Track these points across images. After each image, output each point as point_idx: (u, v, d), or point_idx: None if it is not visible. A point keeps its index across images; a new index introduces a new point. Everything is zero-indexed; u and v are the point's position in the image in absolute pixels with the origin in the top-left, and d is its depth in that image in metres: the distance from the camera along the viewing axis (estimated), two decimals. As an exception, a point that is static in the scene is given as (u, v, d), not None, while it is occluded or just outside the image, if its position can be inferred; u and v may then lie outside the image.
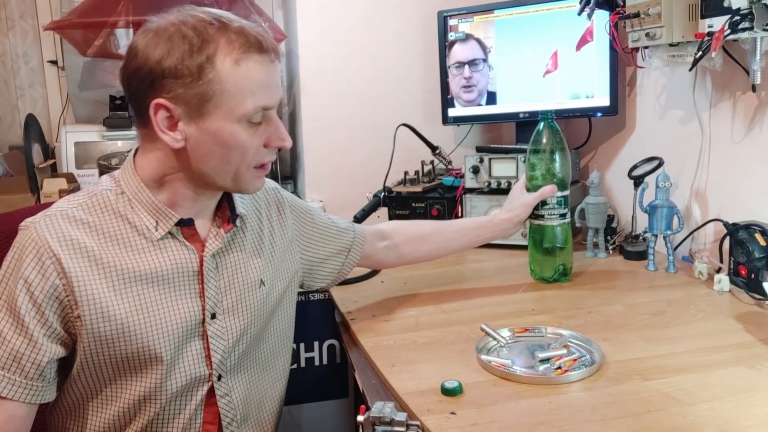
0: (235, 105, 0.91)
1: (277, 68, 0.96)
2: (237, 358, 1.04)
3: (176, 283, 0.97)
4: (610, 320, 1.16)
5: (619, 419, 0.82)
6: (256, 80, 0.91)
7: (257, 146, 0.95)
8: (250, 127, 0.93)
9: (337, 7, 1.91)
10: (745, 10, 1.11)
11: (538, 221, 1.37)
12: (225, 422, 1.03)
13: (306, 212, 1.21)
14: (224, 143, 0.93)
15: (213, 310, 1.00)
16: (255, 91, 0.91)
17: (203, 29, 0.89)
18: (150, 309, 0.95)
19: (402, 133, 1.82)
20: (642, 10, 1.33)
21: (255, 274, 1.06)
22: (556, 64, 1.72)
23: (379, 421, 0.83)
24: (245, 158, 0.95)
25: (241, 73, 0.90)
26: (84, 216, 0.94)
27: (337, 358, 2.01)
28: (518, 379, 0.94)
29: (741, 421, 0.80)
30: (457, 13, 1.84)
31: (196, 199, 0.99)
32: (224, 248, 1.03)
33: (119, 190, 0.97)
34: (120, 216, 0.96)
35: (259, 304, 1.06)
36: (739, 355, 0.99)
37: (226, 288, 1.02)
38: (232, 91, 0.90)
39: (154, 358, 0.95)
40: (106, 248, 0.94)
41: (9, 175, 1.93)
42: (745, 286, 1.24)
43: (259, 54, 0.91)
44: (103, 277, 0.92)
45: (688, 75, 1.48)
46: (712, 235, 1.45)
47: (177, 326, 0.96)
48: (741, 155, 1.37)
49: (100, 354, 0.93)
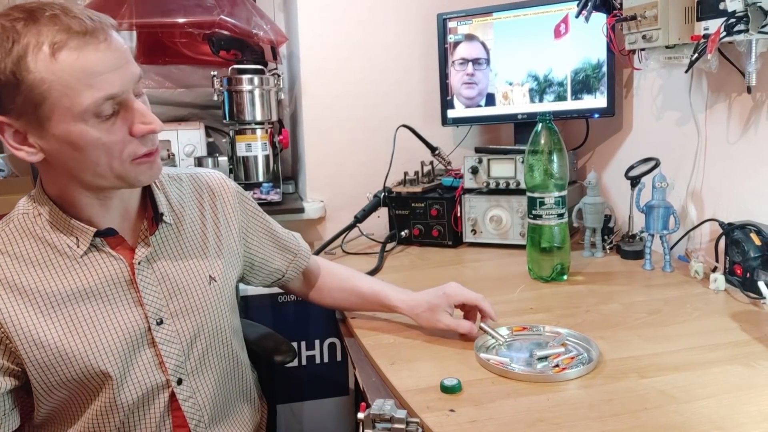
0: (70, 103, 0.79)
1: (116, 47, 0.82)
2: (198, 359, 1.00)
3: (109, 297, 0.93)
4: (607, 319, 1.16)
5: (616, 416, 0.82)
6: (83, 70, 0.79)
7: (121, 139, 0.84)
8: (102, 122, 0.82)
9: (337, 10, 1.90)
10: (740, 13, 1.11)
11: (536, 221, 1.38)
12: (192, 425, 1.00)
13: (251, 203, 1.15)
14: (78, 146, 0.82)
15: (158, 316, 0.96)
16: (88, 82, 0.79)
17: (11, 28, 0.77)
18: (85, 327, 0.90)
19: (402, 134, 1.82)
20: (639, 13, 1.32)
21: (202, 271, 1.02)
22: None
23: (379, 418, 0.83)
24: (113, 155, 0.84)
25: (62, 66, 0.78)
26: (2, 246, 0.90)
27: (337, 356, 2.02)
28: (516, 376, 0.94)
29: (736, 419, 0.80)
30: (456, 15, 1.84)
31: (105, 205, 0.92)
32: (157, 251, 0.98)
33: (36, 212, 0.91)
34: (39, 239, 0.91)
35: (212, 301, 1.02)
36: (734, 354, 0.99)
37: (171, 291, 0.98)
38: (60, 89, 0.78)
39: (101, 375, 0.91)
40: (28, 275, 0.89)
41: (14, 176, 1.93)
42: (740, 285, 1.24)
43: (79, 39, 0.78)
44: (29, 305, 0.88)
45: (684, 77, 1.48)
46: (707, 234, 1.45)
47: (118, 339, 0.92)
48: (736, 156, 1.37)
49: (46, 380, 0.90)
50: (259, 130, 1.91)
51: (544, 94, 1.75)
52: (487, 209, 1.68)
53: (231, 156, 1.93)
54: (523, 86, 1.77)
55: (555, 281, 1.39)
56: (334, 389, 2.03)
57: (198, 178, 1.09)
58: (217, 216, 1.07)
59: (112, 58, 0.82)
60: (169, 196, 1.02)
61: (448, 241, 1.72)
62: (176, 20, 1.78)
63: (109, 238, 0.94)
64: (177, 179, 1.06)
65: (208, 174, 1.11)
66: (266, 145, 1.92)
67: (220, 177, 1.11)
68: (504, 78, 1.79)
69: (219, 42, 1.89)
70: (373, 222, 1.82)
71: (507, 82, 1.79)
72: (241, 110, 1.89)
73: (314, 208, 1.92)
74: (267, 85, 1.90)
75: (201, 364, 1.01)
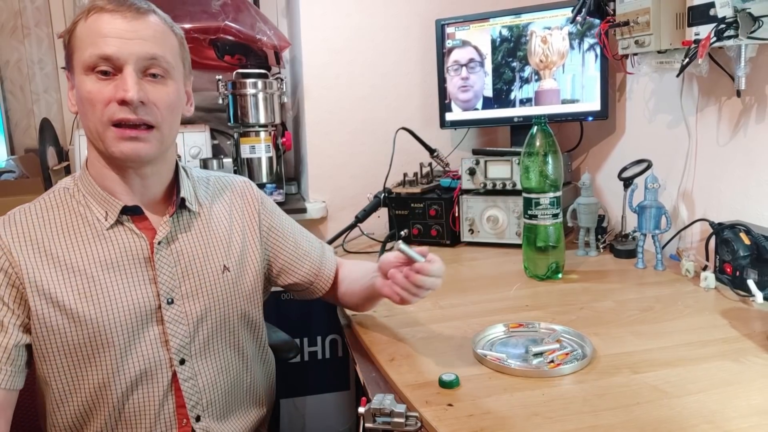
0: (80, 56, 0.91)
1: (137, 26, 0.92)
2: (202, 342, 1.02)
3: (127, 270, 0.96)
4: (600, 316, 1.16)
5: (609, 411, 0.82)
6: (96, 30, 0.90)
7: (105, 99, 0.91)
8: (99, 80, 0.91)
9: (339, 16, 1.91)
10: (730, 19, 1.11)
11: (531, 221, 1.38)
12: (189, 405, 1.00)
13: (276, 210, 1.17)
14: (80, 96, 0.93)
15: (170, 296, 0.99)
16: (95, 41, 0.90)
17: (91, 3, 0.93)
18: (100, 295, 0.94)
19: (401, 137, 1.82)
20: (631, 19, 1.33)
21: (217, 260, 1.04)
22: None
23: (380, 412, 0.83)
24: (95, 112, 0.91)
25: (87, 25, 0.91)
26: (38, 212, 0.97)
27: (339, 352, 2.02)
28: (513, 372, 0.94)
29: (726, 413, 0.80)
30: (454, 21, 1.84)
31: (126, 181, 0.97)
32: (177, 234, 1.01)
33: (75, 188, 0.99)
34: (72, 211, 0.97)
35: (222, 289, 1.04)
36: (724, 350, 0.99)
37: (184, 273, 1.01)
38: (79, 43, 0.92)
39: (105, 344, 0.94)
40: (56, 241, 0.95)
41: (25, 177, 1.93)
42: (730, 283, 1.24)
43: (110, 9, 0.91)
44: (50, 266, 0.93)
45: (675, 81, 1.48)
46: (698, 234, 1.45)
47: (129, 312, 0.95)
48: (726, 158, 1.37)
49: (50, 343, 0.93)
50: (262, 132, 1.91)
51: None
52: (484, 209, 1.68)
53: (235, 158, 1.93)
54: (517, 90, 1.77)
55: (550, 279, 1.39)
56: (335, 384, 2.03)
57: (225, 180, 1.15)
58: (241, 217, 1.11)
59: (124, 30, 0.91)
60: (198, 192, 1.07)
61: (446, 241, 1.72)
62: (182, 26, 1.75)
63: (134, 217, 0.99)
64: (205, 180, 1.12)
65: (234, 178, 1.16)
66: (269, 147, 1.92)
67: (247, 182, 1.16)
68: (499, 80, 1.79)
69: (224, 47, 1.89)
70: (373, 222, 1.82)
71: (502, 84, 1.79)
72: (246, 113, 1.89)
73: (316, 209, 1.93)
74: (270, 88, 1.91)
75: (205, 348, 1.02)
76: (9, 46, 2.06)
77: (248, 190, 1.14)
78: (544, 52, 1.72)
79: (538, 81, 1.74)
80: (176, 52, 0.98)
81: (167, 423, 0.99)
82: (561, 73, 1.71)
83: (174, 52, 0.97)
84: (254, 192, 1.15)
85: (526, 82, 1.76)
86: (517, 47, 1.75)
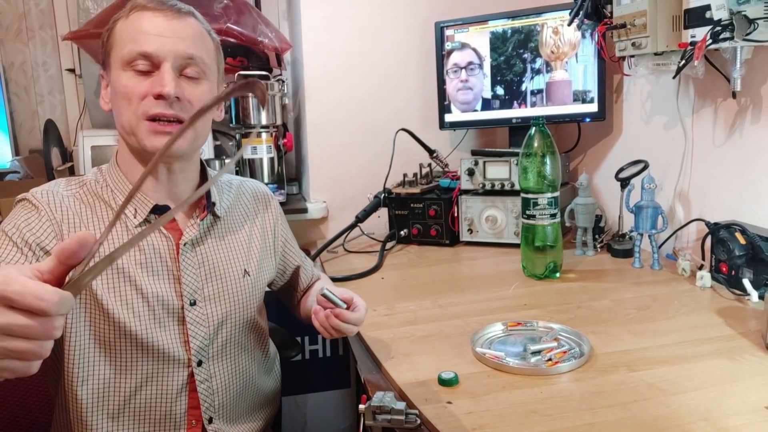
0: (119, 52, 0.92)
1: (177, 25, 0.93)
2: (220, 345, 1.02)
3: (153, 270, 0.97)
4: (598, 314, 1.16)
5: (606, 408, 0.82)
6: (137, 28, 0.92)
7: (141, 93, 0.92)
8: (136, 75, 0.92)
9: (340, 19, 1.91)
10: (726, 21, 1.11)
11: (530, 221, 1.38)
12: (204, 407, 1.01)
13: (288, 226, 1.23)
14: (115, 91, 0.93)
15: (193, 297, 0.99)
16: (135, 37, 0.91)
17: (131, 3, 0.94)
18: (125, 290, 0.94)
19: (401, 138, 1.82)
20: (628, 21, 1.33)
21: (238, 264, 1.05)
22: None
23: (380, 409, 0.83)
24: (131, 106, 0.92)
25: (127, 23, 0.93)
26: (79, 193, 0.98)
27: (339, 351, 2.02)
28: (511, 370, 0.94)
29: (721, 410, 0.80)
30: (454, 23, 1.84)
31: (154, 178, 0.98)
32: (202, 237, 1.02)
33: (104, 182, 0.99)
34: (105, 203, 0.97)
35: (243, 293, 1.05)
36: (719, 348, 0.99)
37: (207, 276, 1.01)
38: (118, 41, 0.93)
39: (126, 335, 0.93)
40: (91, 229, 0.94)
41: (29, 177, 1.93)
42: (725, 283, 1.24)
43: (151, 8, 0.92)
44: None
45: (671, 82, 1.48)
46: (694, 234, 1.46)
47: (152, 309, 0.95)
48: (722, 158, 1.37)
49: (78, 320, 0.92)
50: (264, 133, 1.92)
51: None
52: (483, 209, 1.68)
53: (237, 158, 1.93)
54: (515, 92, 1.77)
55: (548, 278, 1.39)
56: (336, 382, 2.03)
57: (246, 185, 1.17)
58: (261, 222, 1.13)
59: (164, 28, 0.92)
60: (223, 196, 1.08)
61: (445, 240, 1.72)
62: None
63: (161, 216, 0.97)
64: (228, 184, 1.13)
65: (257, 185, 1.19)
66: (271, 148, 1.92)
67: (269, 192, 1.20)
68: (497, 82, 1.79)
69: (226, 49, 1.88)
70: (373, 222, 1.82)
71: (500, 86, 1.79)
72: (247, 114, 1.89)
73: (317, 209, 1.93)
74: (272, 90, 1.90)
75: (222, 351, 1.03)
76: (14, 48, 2.06)
77: (270, 200, 1.18)
78: (555, 44, 1.70)
79: (549, 72, 1.73)
80: (212, 55, 0.99)
81: (176, 422, 0.99)
82: (573, 63, 1.69)
83: (210, 54, 0.98)
84: (275, 203, 1.18)
85: (537, 73, 1.74)
86: (528, 39, 1.73)
